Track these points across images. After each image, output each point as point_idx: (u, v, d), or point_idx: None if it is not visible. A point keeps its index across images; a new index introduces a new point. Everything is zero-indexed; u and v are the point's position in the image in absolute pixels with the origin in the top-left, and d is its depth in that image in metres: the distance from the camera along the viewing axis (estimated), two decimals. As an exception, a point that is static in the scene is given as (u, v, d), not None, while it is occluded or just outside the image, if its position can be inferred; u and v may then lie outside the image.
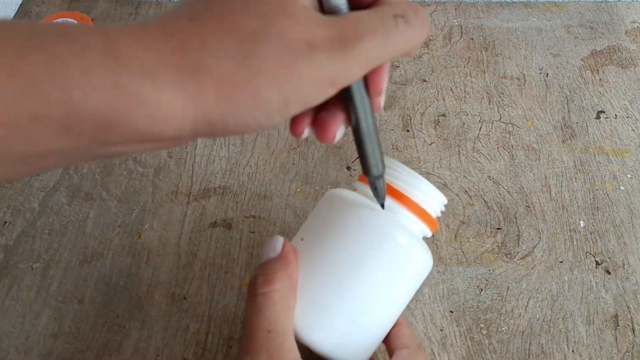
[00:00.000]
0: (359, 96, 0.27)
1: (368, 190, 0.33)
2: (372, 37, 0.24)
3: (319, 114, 0.28)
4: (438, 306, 0.42)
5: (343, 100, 0.28)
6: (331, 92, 0.25)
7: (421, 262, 0.33)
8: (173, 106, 0.22)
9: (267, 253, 0.32)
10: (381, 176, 0.31)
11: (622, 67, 0.59)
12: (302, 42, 0.23)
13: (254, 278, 0.31)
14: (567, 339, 0.40)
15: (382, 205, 0.33)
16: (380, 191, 0.32)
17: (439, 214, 0.35)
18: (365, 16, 0.25)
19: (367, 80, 0.27)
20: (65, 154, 0.23)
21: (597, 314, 0.42)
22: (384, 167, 0.31)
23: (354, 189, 0.36)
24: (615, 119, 0.54)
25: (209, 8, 0.23)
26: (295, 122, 0.28)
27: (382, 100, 0.29)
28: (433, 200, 0.34)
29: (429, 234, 0.35)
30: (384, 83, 0.27)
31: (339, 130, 0.28)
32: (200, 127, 0.23)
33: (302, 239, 0.34)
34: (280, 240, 0.32)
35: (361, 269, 0.32)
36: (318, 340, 0.31)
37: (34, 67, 0.20)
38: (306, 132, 0.28)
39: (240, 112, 0.23)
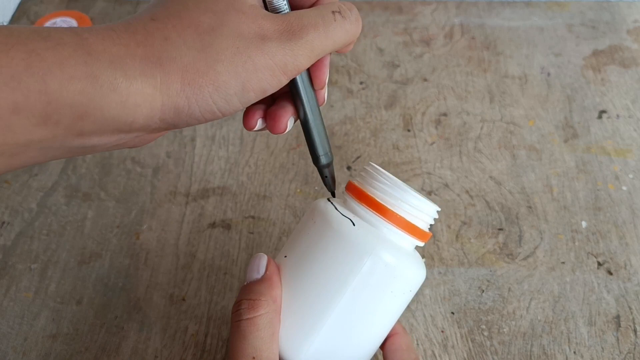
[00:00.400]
0: (304, 90, 0.31)
1: (354, 204, 0.32)
2: (315, 29, 0.27)
3: (270, 108, 0.31)
4: (439, 307, 0.42)
5: (291, 95, 0.31)
6: (283, 79, 0.27)
7: (410, 278, 0.31)
8: (142, 93, 0.24)
9: (251, 274, 0.31)
10: (330, 164, 0.33)
11: (624, 67, 0.59)
12: (254, 34, 0.26)
13: (238, 303, 0.30)
14: (569, 340, 0.40)
15: (333, 194, 0.34)
16: (330, 179, 0.34)
17: (431, 224, 0.33)
18: (307, 13, 0.28)
19: (310, 74, 0.31)
20: (43, 145, 0.24)
21: (599, 315, 0.41)
22: (332, 155, 0.33)
23: (344, 200, 0.34)
24: (617, 118, 0.54)
25: (167, 8, 0.26)
26: (248, 114, 0.31)
27: (324, 93, 0.32)
28: (422, 212, 0.32)
29: (420, 244, 0.33)
30: (325, 76, 0.31)
31: (289, 121, 0.31)
32: (168, 113, 0.25)
33: (285, 257, 0.32)
34: (264, 260, 0.32)
35: (344, 288, 0.30)
36: None
37: (14, 61, 0.22)
38: (258, 124, 0.31)
39: (203, 96, 0.25)
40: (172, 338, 0.40)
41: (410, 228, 0.31)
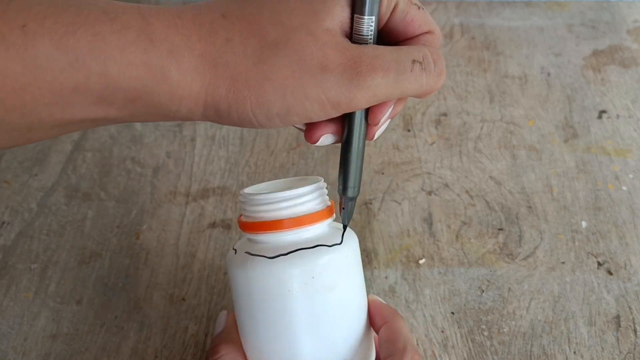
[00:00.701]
0: (358, 120, 0.28)
1: (251, 237, 0.31)
2: (384, 74, 0.25)
3: None
4: (439, 307, 0.42)
5: (342, 117, 0.29)
6: (333, 114, 0.26)
7: (301, 268, 0.30)
8: (189, 89, 0.25)
9: (215, 329, 0.35)
10: (354, 199, 0.31)
11: (623, 67, 0.59)
12: (315, 62, 0.25)
13: (206, 353, 0.33)
14: (569, 340, 0.40)
15: (344, 227, 0.32)
16: (348, 213, 0.31)
17: (326, 198, 0.32)
18: (384, 53, 0.26)
19: (368, 108, 0.28)
20: (96, 121, 0.26)
21: (599, 315, 0.41)
22: (359, 191, 0.31)
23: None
24: (617, 118, 0.54)
25: (241, 9, 0.26)
26: (311, 128, 0.29)
27: (378, 131, 0.30)
28: (304, 200, 0.30)
29: (328, 221, 0.32)
30: (383, 117, 0.28)
31: (326, 137, 0.29)
32: (209, 112, 0.26)
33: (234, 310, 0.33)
34: (224, 316, 0.35)
35: (288, 311, 0.30)
36: None
37: (79, 42, 0.23)
38: (323, 140, 0.29)
39: (244, 107, 0.25)
40: (172, 338, 0.40)
41: (304, 220, 0.30)
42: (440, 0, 0.66)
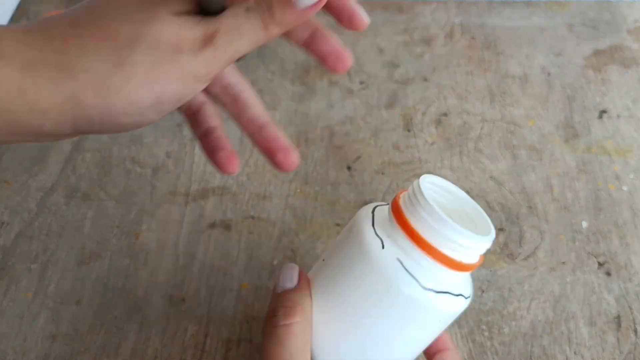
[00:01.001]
0: None
1: (395, 226, 0.29)
2: (226, 33, 0.26)
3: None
4: (439, 308, 0.42)
5: None
6: (198, 87, 0.27)
7: (438, 310, 0.29)
8: (51, 101, 0.24)
9: (284, 282, 0.32)
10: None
11: (624, 67, 0.59)
12: (170, 45, 0.25)
13: (273, 309, 0.31)
14: (570, 340, 0.40)
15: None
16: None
17: (479, 255, 0.30)
18: (224, 15, 0.26)
19: None
20: None
21: (599, 315, 0.41)
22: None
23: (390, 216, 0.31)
24: (618, 118, 0.54)
25: (89, 14, 0.25)
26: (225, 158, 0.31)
27: None
28: (470, 249, 0.29)
29: (464, 274, 0.30)
30: None
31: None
32: (81, 123, 0.25)
33: (323, 260, 0.32)
34: (296, 270, 0.32)
35: (366, 312, 0.29)
36: None
37: None
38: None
39: (115, 111, 0.25)
40: (171, 339, 0.40)
41: (451, 264, 0.29)
42: (441, 0, 0.66)
